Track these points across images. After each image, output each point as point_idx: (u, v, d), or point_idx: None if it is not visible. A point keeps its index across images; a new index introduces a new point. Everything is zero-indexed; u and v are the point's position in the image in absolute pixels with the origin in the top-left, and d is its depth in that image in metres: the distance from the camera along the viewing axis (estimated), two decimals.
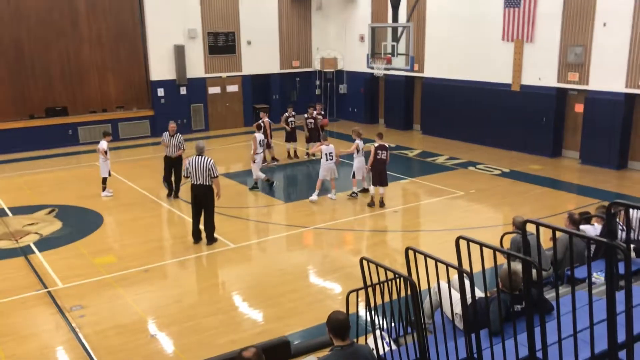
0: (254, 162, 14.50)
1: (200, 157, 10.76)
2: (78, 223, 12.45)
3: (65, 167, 17.65)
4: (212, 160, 10.73)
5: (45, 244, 11.26)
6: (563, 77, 16.90)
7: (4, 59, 19.49)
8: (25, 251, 10.90)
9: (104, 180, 14.28)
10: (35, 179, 16.31)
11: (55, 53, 20.28)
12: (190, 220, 11.25)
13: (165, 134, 13.88)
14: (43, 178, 16.38)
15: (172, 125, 13.98)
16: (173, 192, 14.09)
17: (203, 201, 10.82)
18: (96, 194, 14.38)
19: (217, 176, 10.75)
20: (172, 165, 13.86)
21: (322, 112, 18.16)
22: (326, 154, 13.53)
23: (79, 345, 7.62)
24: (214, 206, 11.02)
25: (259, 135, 14.73)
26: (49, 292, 9.18)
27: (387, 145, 13.10)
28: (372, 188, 13.28)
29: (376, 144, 13.00)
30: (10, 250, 11.00)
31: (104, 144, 14.05)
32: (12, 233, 11.86)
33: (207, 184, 10.68)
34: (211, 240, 11.04)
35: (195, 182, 10.71)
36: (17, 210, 13.34)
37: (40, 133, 19.81)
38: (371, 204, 13.27)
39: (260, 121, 15.82)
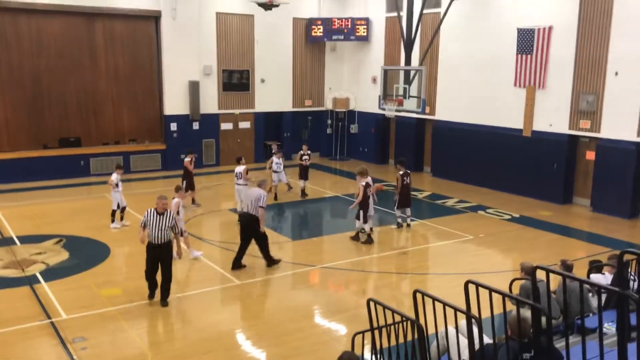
0: None
1: (254, 189, 11.68)
2: (85, 254, 12.45)
3: (75, 198, 17.76)
4: (264, 193, 11.57)
5: (52, 274, 11.24)
6: (575, 124, 16.94)
7: (22, 89, 19.87)
8: (31, 280, 10.87)
9: (113, 212, 14.34)
10: (46, 208, 16.40)
11: (72, 85, 20.65)
12: (196, 254, 11.18)
13: (149, 212, 9.52)
14: (53, 208, 16.46)
15: (163, 201, 9.66)
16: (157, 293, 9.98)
17: (250, 228, 11.47)
18: (105, 225, 14.42)
19: (263, 207, 11.42)
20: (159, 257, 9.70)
21: (309, 152, 18.25)
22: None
23: None
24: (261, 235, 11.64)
25: (240, 168, 14.98)
26: (52, 322, 9.11)
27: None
28: (363, 225, 13.39)
29: (363, 182, 13.26)
30: (16, 279, 10.97)
31: (114, 176, 14.15)
32: (19, 262, 11.85)
33: (253, 213, 11.36)
34: (271, 262, 11.74)
35: (240, 210, 11.62)
36: (25, 239, 13.37)
37: (53, 163, 20.01)
38: (356, 238, 13.52)
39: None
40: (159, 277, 9.78)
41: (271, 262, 11.78)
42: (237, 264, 11.58)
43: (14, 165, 19.44)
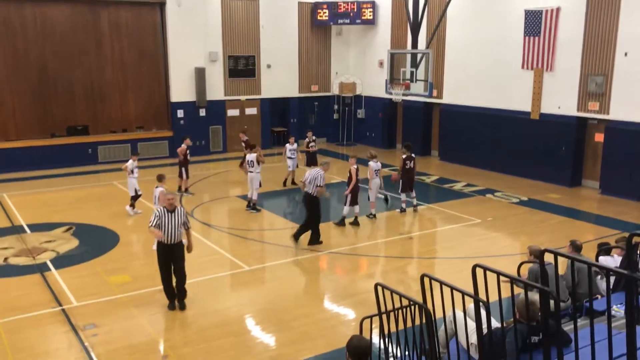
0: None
1: (315, 169, 12.40)
2: (94, 241, 12.53)
3: (84, 186, 17.85)
4: (322, 174, 12.14)
5: (62, 261, 11.33)
6: (583, 106, 16.80)
7: (28, 77, 19.91)
8: (42, 268, 10.97)
9: (132, 198, 14.42)
10: (55, 196, 16.50)
11: (79, 73, 20.67)
12: (205, 241, 11.25)
13: (160, 211, 8.87)
14: (62, 196, 16.56)
15: (170, 197, 9.04)
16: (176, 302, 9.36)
17: (309, 206, 12.14)
18: (113, 213, 14.50)
19: (322, 186, 12.07)
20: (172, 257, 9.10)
21: (314, 138, 18.16)
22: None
23: None
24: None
25: (252, 155, 14.75)
26: (63, 310, 9.20)
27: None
28: (353, 208, 13.62)
29: (355, 166, 13.51)
30: (27, 267, 11.08)
31: (130, 163, 14.18)
32: (30, 250, 11.96)
33: (311, 192, 12.04)
34: (314, 242, 12.23)
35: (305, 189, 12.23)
36: (35, 227, 13.47)
37: (60, 151, 20.10)
38: (341, 224, 13.68)
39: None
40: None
41: (314, 241, 12.26)
42: (297, 236, 12.27)
43: (22, 154, 19.54)
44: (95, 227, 13.54)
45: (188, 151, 16.25)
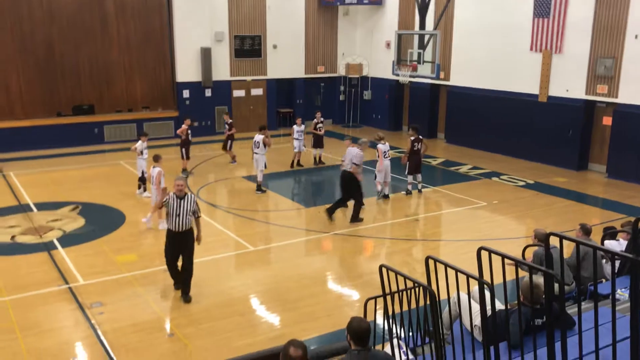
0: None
1: (352, 148, 12.52)
2: (101, 221, 12.60)
3: (90, 165, 17.90)
4: (360, 153, 12.42)
5: (68, 240, 11.41)
6: (592, 90, 16.66)
7: (35, 58, 19.88)
8: (49, 247, 11.05)
9: (139, 179, 14.38)
10: (61, 175, 16.56)
11: (85, 53, 20.63)
12: (211, 221, 11.27)
13: (170, 196, 8.64)
14: (68, 175, 16.62)
15: (180, 182, 8.69)
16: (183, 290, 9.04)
17: (346, 184, 12.45)
18: (120, 192, 14.55)
19: (357, 164, 12.32)
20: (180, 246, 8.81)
21: (322, 119, 18.06)
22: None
23: (98, 342, 7.69)
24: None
25: (259, 136, 14.71)
26: (70, 288, 9.29)
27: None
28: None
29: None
30: (34, 245, 11.16)
31: (139, 144, 14.16)
32: (37, 228, 12.04)
33: (349, 169, 12.31)
34: (355, 219, 12.52)
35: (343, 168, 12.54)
36: (42, 206, 13.55)
37: (67, 131, 20.12)
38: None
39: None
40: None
41: (355, 219, 12.53)
42: (331, 212, 12.59)
43: (29, 133, 19.58)
44: (101, 207, 13.61)
45: (189, 132, 16.21)
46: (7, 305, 8.68)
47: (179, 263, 8.93)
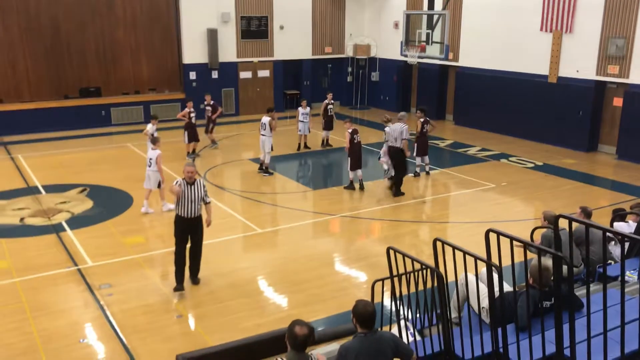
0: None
1: (397, 124, 12.97)
2: (108, 203, 12.65)
3: (97, 148, 17.93)
4: (406, 127, 12.99)
5: (77, 222, 11.47)
6: (602, 70, 16.46)
7: (41, 39, 19.83)
8: (57, 229, 11.12)
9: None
10: (68, 158, 16.60)
11: (91, 34, 20.56)
12: (218, 204, 11.26)
13: (179, 183, 8.39)
14: (76, 157, 16.66)
15: (190, 168, 8.49)
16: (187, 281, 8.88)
17: (398, 159, 13.00)
18: (127, 175, 14.58)
19: (406, 139, 12.95)
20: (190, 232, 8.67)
21: (333, 101, 17.93)
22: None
23: (107, 322, 7.75)
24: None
25: (265, 119, 14.65)
26: (79, 269, 9.35)
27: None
28: (353, 173, 13.58)
29: (350, 129, 13.32)
30: (43, 227, 11.23)
31: (149, 127, 14.11)
32: (45, 210, 12.10)
33: (399, 146, 12.90)
34: (397, 193, 13.12)
35: (391, 145, 13.02)
36: (51, 189, 13.61)
37: (74, 113, 20.14)
38: (350, 187, 13.63)
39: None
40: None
41: (397, 193, 13.09)
42: (398, 191, 13.17)
43: (36, 115, 19.60)
44: (109, 189, 13.65)
45: (193, 115, 16.09)
46: (17, 286, 8.76)
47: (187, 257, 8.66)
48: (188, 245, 8.67)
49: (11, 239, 10.61)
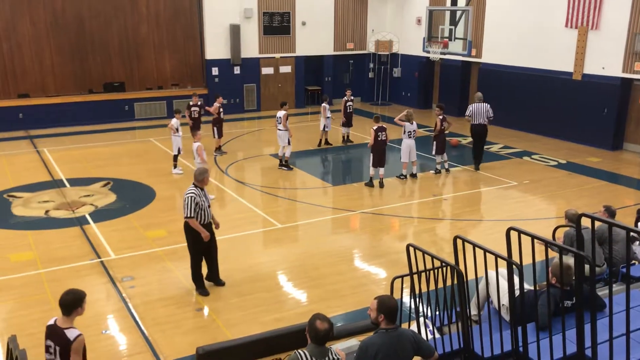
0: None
1: (480, 103, 14.38)
2: (131, 197, 12.80)
3: (121, 142, 18.15)
4: (489, 106, 14.46)
5: (100, 215, 11.63)
6: (629, 67, 16.17)
7: (66, 34, 20.10)
8: (81, 221, 11.28)
9: (175, 157, 14.46)
10: (92, 152, 16.83)
11: (115, 29, 20.77)
12: (239, 198, 11.31)
13: (196, 193, 8.06)
14: (99, 152, 16.88)
15: (208, 175, 8.40)
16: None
17: (482, 134, 14.62)
18: (150, 169, 14.74)
19: (492, 117, 14.62)
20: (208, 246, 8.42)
21: (352, 97, 17.86)
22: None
23: (128, 314, 7.86)
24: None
25: (281, 113, 14.72)
26: (101, 262, 9.49)
27: (385, 127, 13.43)
28: (374, 170, 13.52)
29: (375, 127, 13.30)
30: (67, 220, 11.41)
31: (174, 121, 14.24)
32: (69, 203, 12.29)
33: (485, 123, 14.47)
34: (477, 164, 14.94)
35: (476, 123, 14.50)
36: (75, 182, 13.81)
37: (98, 108, 20.40)
38: (370, 184, 13.56)
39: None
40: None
41: (478, 166, 14.92)
42: (478, 164, 14.90)
43: (61, 110, 19.89)
44: (132, 183, 13.81)
45: (221, 110, 16.24)
46: (42, 277, 8.92)
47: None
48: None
49: (36, 231, 10.80)
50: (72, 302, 4.71)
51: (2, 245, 10.15)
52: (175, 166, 14.45)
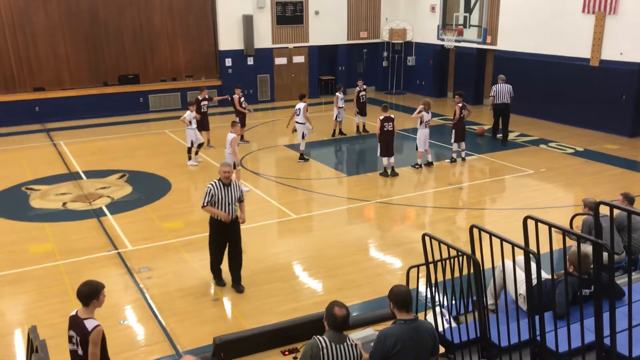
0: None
1: (504, 84, 15.86)
2: (147, 188, 12.88)
3: (136, 134, 18.25)
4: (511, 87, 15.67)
5: (116, 207, 11.72)
6: None
7: (81, 26, 20.20)
8: (98, 213, 11.39)
9: (188, 149, 14.49)
10: (108, 144, 16.95)
11: (128, 20, 20.83)
12: (254, 189, 11.33)
13: (214, 185, 7.96)
14: (115, 144, 17.00)
15: (226, 168, 8.03)
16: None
17: (507, 112, 16.05)
18: (165, 161, 14.82)
19: (513, 95, 16.10)
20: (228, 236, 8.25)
21: (365, 87, 17.73)
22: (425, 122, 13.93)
23: (146, 305, 7.93)
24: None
25: (300, 104, 14.67)
26: (119, 253, 9.57)
27: (392, 117, 13.42)
28: (385, 159, 13.53)
29: (381, 117, 13.30)
30: (84, 212, 11.52)
31: (188, 114, 14.27)
32: (86, 195, 12.41)
33: (507, 102, 15.95)
34: (504, 141, 16.29)
35: (499, 102, 15.97)
36: (91, 174, 13.93)
37: (113, 100, 20.52)
38: (384, 174, 13.55)
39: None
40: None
41: (505, 141, 16.13)
42: (505, 140, 16.11)
43: (77, 103, 20.05)
44: (147, 175, 13.90)
45: (242, 100, 16.26)
46: (61, 269, 9.03)
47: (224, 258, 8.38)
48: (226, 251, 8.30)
49: (54, 223, 10.93)
50: (89, 294, 4.78)
51: (21, 237, 10.29)
52: (190, 158, 14.50)
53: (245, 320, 7.55)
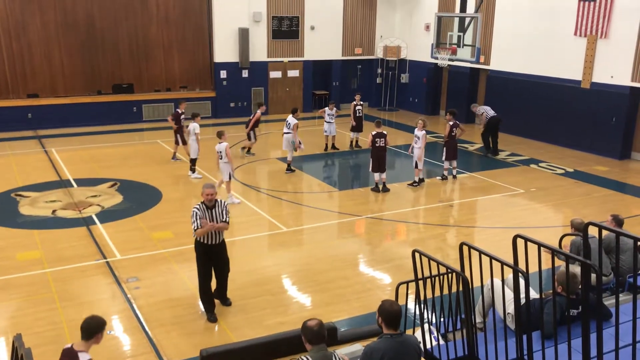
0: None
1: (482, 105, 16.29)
2: (138, 198, 12.83)
3: (128, 143, 18.22)
4: None
5: (106, 216, 11.67)
6: (638, 76, 16.12)
7: (76, 35, 20.21)
8: (88, 222, 11.33)
9: (193, 161, 14.44)
10: (100, 153, 16.90)
11: (124, 30, 20.87)
12: (245, 201, 11.32)
13: (199, 209, 7.55)
14: (107, 152, 16.95)
15: (210, 190, 7.59)
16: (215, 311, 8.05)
17: (498, 126, 16.74)
18: (157, 171, 14.78)
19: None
20: (215, 258, 7.93)
21: (361, 102, 17.86)
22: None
23: (133, 315, 7.88)
24: None
25: (292, 120, 14.79)
26: (107, 262, 9.52)
27: (385, 133, 13.51)
28: (376, 175, 13.62)
29: (374, 132, 13.44)
30: (73, 219, 11.46)
31: (194, 126, 14.19)
32: (76, 203, 12.34)
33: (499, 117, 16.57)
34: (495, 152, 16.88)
35: (494, 115, 16.59)
36: (82, 182, 13.87)
37: (106, 109, 20.50)
38: (375, 189, 13.60)
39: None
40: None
41: (496, 152, 16.98)
42: (496, 150, 16.92)
43: (70, 111, 19.99)
44: (138, 184, 13.85)
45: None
46: (48, 276, 8.96)
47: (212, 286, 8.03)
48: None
49: (43, 231, 10.85)
50: (95, 328, 4.82)
51: (9, 244, 10.21)
52: (194, 170, 14.43)
53: (233, 333, 7.51)
